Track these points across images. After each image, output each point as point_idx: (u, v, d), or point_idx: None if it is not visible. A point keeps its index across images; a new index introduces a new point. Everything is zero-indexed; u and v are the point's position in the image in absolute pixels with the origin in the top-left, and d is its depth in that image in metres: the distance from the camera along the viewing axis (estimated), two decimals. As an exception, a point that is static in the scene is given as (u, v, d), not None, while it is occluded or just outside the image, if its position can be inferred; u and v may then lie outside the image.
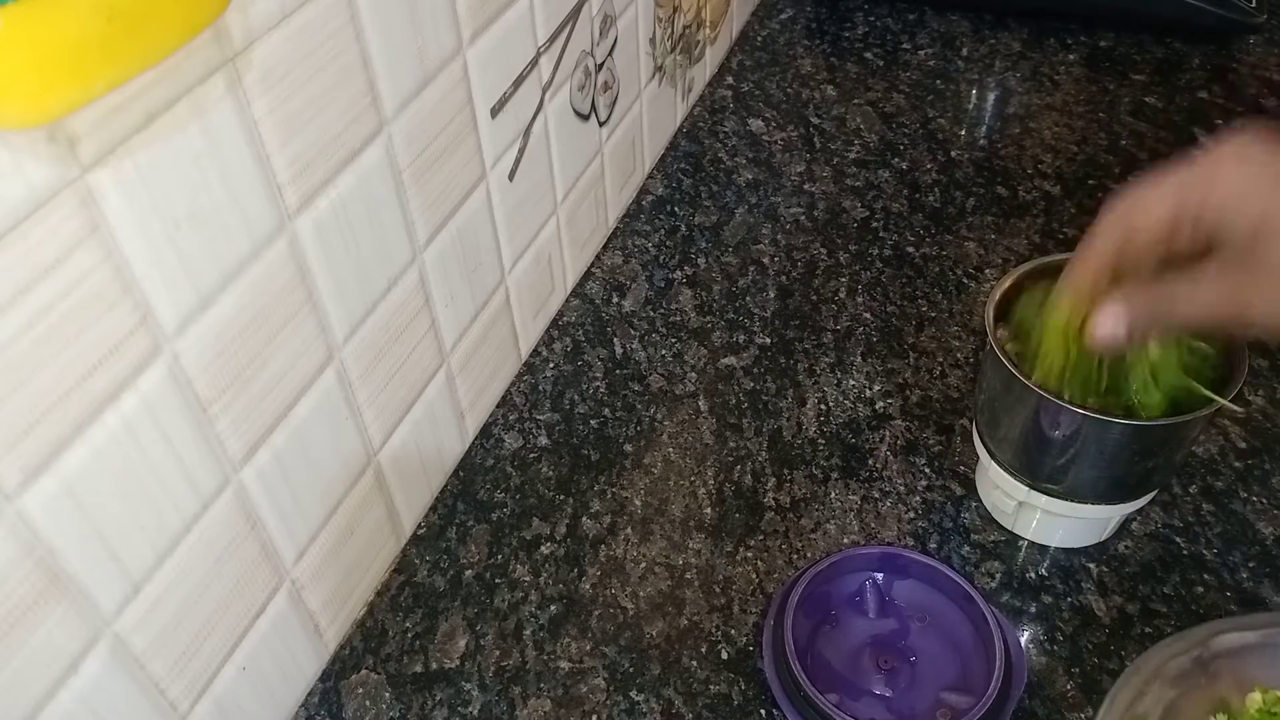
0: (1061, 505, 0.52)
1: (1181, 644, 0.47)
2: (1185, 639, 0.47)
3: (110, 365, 0.35)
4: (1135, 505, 0.53)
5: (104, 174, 0.33)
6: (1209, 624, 0.48)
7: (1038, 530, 0.55)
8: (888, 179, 0.80)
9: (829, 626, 0.52)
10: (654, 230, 0.77)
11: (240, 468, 0.43)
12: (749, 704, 0.50)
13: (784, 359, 0.66)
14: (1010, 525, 0.56)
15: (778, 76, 0.92)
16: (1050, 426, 0.49)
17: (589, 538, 0.57)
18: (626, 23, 0.70)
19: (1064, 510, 0.52)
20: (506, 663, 0.52)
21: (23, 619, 0.34)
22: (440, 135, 0.51)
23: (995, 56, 0.93)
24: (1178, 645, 0.47)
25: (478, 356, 0.61)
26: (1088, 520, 0.53)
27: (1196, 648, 0.46)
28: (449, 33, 0.50)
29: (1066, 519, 0.53)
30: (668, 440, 0.62)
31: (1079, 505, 0.52)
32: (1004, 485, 0.54)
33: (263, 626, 0.46)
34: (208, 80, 0.36)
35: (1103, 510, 0.52)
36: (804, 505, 0.58)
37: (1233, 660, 0.46)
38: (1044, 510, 0.53)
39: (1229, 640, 0.47)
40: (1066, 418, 0.48)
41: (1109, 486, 0.51)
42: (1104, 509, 0.52)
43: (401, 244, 0.51)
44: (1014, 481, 0.53)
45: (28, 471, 0.33)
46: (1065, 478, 0.51)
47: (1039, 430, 0.50)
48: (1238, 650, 0.46)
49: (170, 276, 0.37)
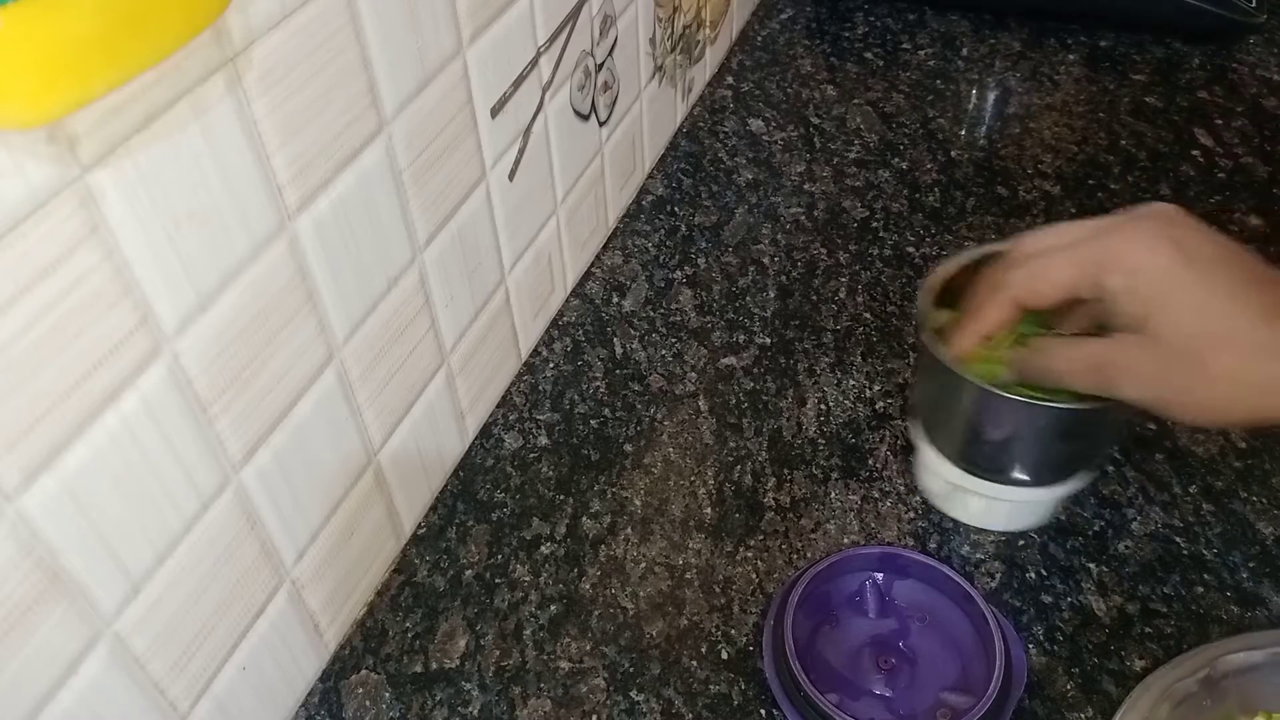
0: (990, 488, 0.53)
1: (1188, 665, 0.47)
2: (1192, 659, 0.47)
3: (110, 365, 0.35)
4: (1067, 489, 0.53)
5: (104, 174, 0.33)
6: (1215, 644, 0.48)
7: (972, 513, 0.56)
8: (888, 179, 0.80)
9: (829, 626, 0.52)
10: (654, 230, 0.77)
11: (240, 468, 0.43)
12: (749, 704, 0.50)
13: (784, 359, 0.67)
14: (944, 509, 0.57)
15: (778, 76, 0.92)
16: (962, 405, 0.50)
17: (589, 538, 0.57)
18: (626, 23, 0.70)
19: (994, 493, 0.53)
20: (506, 663, 0.52)
21: (23, 619, 0.34)
22: (440, 135, 0.51)
23: (995, 56, 0.93)
24: (1184, 666, 0.47)
25: (478, 356, 0.61)
26: (1018, 503, 0.54)
27: (1203, 668, 0.46)
28: (449, 33, 0.50)
29: (1000, 502, 0.54)
30: (668, 440, 0.62)
31: (1005, 488, 0.53)
32: (935, 467, 0.55)
33: (263, 627, 0.46)
34: (208, 80, 0.36)
35: (1033, 493, 0.53)
36: (804, 505, 0.58)
37: (1239, 680, 0.46)
38: (975, 493, 0.54)
39: (1235, 660, 0.46)
40: (973, 395, 0.49)
41: (1033, 469, 0.51)
42: (1033, 492, 0.53)
43: (401, 244, 0.51)
44: (945, 464, 0.54)
45: (28, 471, 0.33)
46: (988, 459, 0.52)
47: (958, 410, 0.51)
48: (1244, 670, 0.46)
49: (170, 276, 0.37)
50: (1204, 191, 0.77)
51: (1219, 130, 0.83)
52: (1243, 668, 0.46)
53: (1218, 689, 0.46)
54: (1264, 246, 0.72)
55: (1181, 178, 0.79)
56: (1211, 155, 0.81)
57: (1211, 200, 0.77)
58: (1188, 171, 0.79)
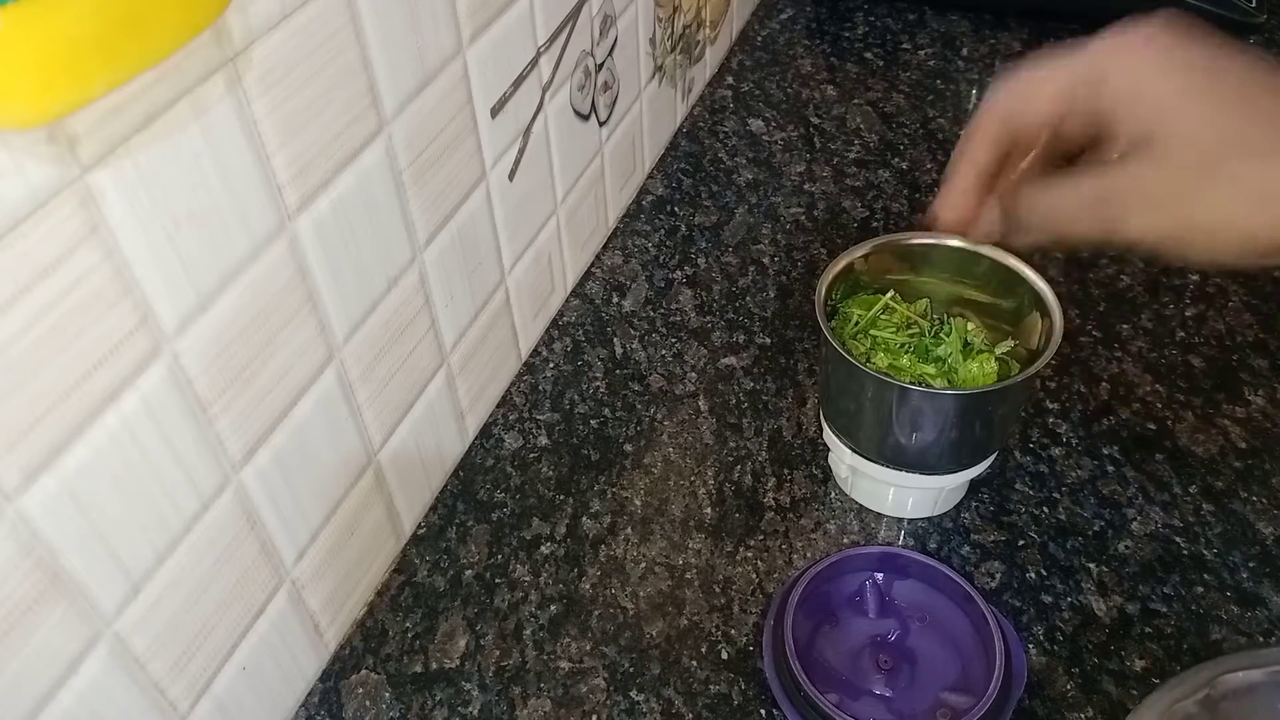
0: (887, 473, 0.54)
1: (1188, 684, 0.46)
2: (1192, 679, 0.46)
3: (110, 365, 0.35)
4: (957, 479, 0.54)
5: (104, 174, 0.33)
6: (1214, 662, 0.47)
7: (869, 497, 0.57)
8: (888, 179, 0.80)
9: (829, 626, 0.52)
10: (654, 230, 0.77)
11: (240, 468, 0.43)
12: (749, 704, 0.50)
13: (784, 359, 0.66)
14: (848, 491, 0.58)
15: (778, 76, 0.92)
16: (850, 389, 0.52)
17: (589, 538, 0.57)
18: (626, 23, 0.70)
19: (887, 478, 0.54)
20: (506, 663, 0.52)
21: (23, 619, 0.34)
22: (440, 135, 0.51)
23: (995, 56, 0.93)
24: (1184, 686, 0.46)
25: (478, 356, 0.61)
26: (918, 490, 0.55)
27: (1203, 688, 0.45)
28: (449, 33, 0.50)
29: (894, 487, 0.55)
30: (668, 440, 0.62)
31: (901, 474, 0.53)
32: (835, 450, 0.56)
33: (263, 626, 0.46)
34: (208, 80, 0.36)
35: (930, 480, 0.54)
36: (804, 505, 0.58)
37: (1240, 701, 0.46)
38: (870, 477, 0.55)
39: (1236, 680, 0.46)
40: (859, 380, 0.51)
41: (917, 455, 0.52)
42: (931, 479, 0.54)
43: (401, 244, 0.51)
44: (842, 446, 0.55)
45: (28, 471, 0.33)
46: (873, 442, 0.53)
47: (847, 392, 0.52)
48: (1245, 690, 0.46)
49: (170, 276, 0.37)
50: (1204, 191, 0.77)
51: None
52: (1243, 687, 0.46)
53: (1218, 710, 0.45)
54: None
55: (1181, 178, 0.79)
56: (1211, 155, 0.81)
57: (1211, 200, 0.76)
58: (1188, 171, 0.79)
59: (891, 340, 0.54)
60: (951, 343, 0.53)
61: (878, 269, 0.56)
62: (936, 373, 0.53)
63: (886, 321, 0.55)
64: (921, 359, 0.53)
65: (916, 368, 0.53)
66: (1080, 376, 0.64)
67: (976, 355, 0.53)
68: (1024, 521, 0.56)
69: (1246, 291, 0.69)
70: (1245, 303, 0.68)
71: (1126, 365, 0.64)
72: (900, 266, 0.56)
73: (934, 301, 0.56)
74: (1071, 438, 0.60)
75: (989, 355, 0.53)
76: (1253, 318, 0.67)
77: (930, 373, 0.53)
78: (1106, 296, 0.69)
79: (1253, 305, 0.68)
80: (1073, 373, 0.64)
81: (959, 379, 0.52)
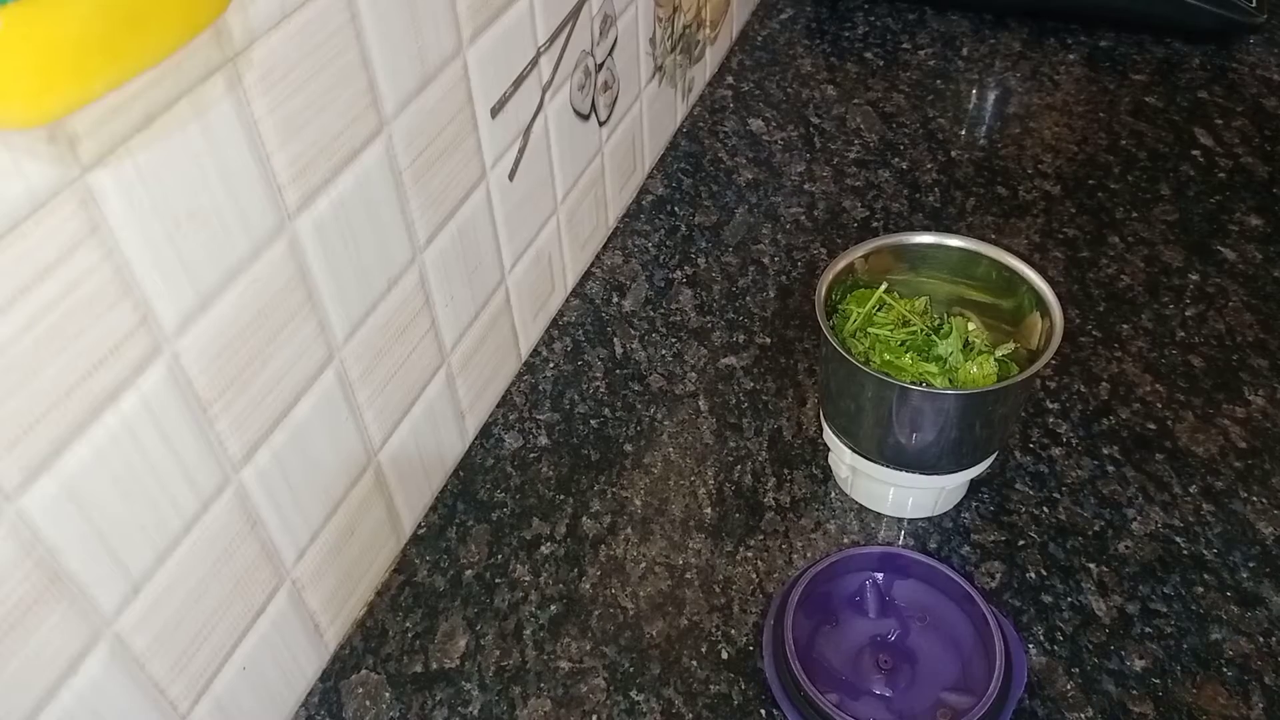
0: (885, 473, 0.54)
1: None
2: None
3: (110, 365, 0.35)
4: (957, 479, 0.54)
5: (104, 174, 0.33)
6: None
7: (869, 497, 0.57)
8: (888, 179, 0.80)
9: (829, 626, 0.52)
10: (654, 230, 0.77)
11: (240, 468, 0.43)
12: (749, 704, 0.50)
13: (784, 359, 0.66)
14: (849, 491, 0.58)
15: (778, 76, 0.92)
16: (850, 389, 0.52)
17: (589, 538, 0.57)
18: (626, 23, 0.70)
19: (887, 478, 0.54)
20: (506, 663, 0.52)
21: (23, 619, 0.34)
22: (440, 135, 0.51)
23: (995, 56, 0.93)
24: None
25: (478, 356, 0.61)
26: (918, 490, 0.55)
27: None
28: (449, 33, 0.50)
29: (894, 487, 0.55)
30: (668, 440, 0.62)
31: (900, 474, 0.53)
32: (836, 450, 0.56)
33: (263, 626, 0.46)
34: (208, 80, 0.36)
35: (930, 480, 0.54)
36: (804, 505, 0.58)
37: None
38: (870, 477, 0.55)
39: None
40: (860, 380, 0.51)
41: (917, 455, 0.52)
42: (931, 479, 0.54)
43: (401, 244, 0.51)
44: (842, 446, 0.55)
45: (28, 471, 0.33)
46: (874, 442, 0.53)
47: (848, 392, 0.52)
48: None
49: (170, 276, 0.37)
50: (1204, 191, 0.77)
51: (1219, 130, 0.83)
52: None
53: None
54: (1264, 246, 0.72)
55: (1181, 178, 0.79)
56: (1211, 155, 0.81)
57: (1211, 200, 0.77)
58: (1188, 171, 0.79)
59: (889, 338, 0.54)
60: (952, 342, 0.53)
61: (878, 269, 0.56)
62: (938, 372, 0.53)
63: (883, 319, 0.55)
64: (922, 358, 0.53)
65: (917, 367, 0.53)
66: (1080, 376, 0.64)
67: (976, 356, 0.53)
68: (1024, 521, 0.56)
69: (1246, 291, 0.69)
70: (1245, 303, 0.68)
71: (1126, 365, 0.64)
72: (900, 266, 0.56)
73: (934, 301, 0.56)
74: (1071, 438, 0.60)
75: (988, 356, 0.53)
76: (1253, 318, 0.67)
77: (931, 372, 0.53)
78: (1106, 296, 0.69)
79: (1253, 305, 0.68)
80: (1073, 373, 0.64)
81: (959, 380, 0.52)
